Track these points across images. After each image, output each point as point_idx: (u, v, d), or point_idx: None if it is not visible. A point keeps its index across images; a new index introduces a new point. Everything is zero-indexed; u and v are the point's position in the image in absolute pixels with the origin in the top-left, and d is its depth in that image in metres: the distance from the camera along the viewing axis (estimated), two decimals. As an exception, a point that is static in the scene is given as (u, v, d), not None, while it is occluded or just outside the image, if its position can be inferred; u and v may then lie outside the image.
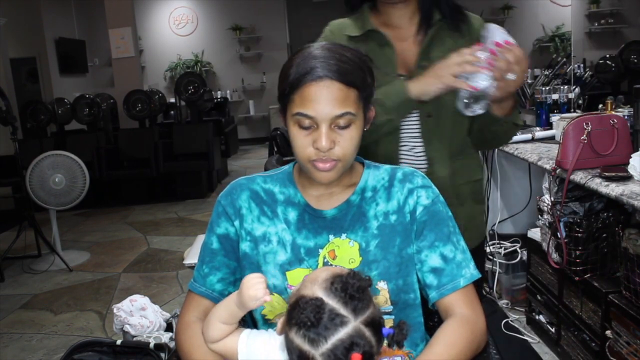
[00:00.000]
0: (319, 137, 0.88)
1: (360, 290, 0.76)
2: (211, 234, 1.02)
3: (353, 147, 0.92)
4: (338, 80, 0.87)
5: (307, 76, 0.87)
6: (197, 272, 1.03)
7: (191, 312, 1.00)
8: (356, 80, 0.89)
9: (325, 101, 0.87)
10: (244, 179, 1.05)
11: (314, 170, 0.92)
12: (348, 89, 0.88)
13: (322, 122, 0.88)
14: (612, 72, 3.17)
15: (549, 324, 2.20)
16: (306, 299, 0.75)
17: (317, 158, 0.90)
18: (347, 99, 0.88)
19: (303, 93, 0.87)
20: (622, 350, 1.64)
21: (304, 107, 0.88)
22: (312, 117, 0.87)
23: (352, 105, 0.88)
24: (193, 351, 0.93)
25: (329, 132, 0.88)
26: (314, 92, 0.87)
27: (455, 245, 0.97)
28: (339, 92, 0.87)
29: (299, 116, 0.88)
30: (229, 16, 9.55)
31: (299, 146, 0.91)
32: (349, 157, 0.92)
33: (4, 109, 3.93)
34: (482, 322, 0.94)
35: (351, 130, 0.90)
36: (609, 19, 3.96)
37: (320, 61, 0.87)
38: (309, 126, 0.89)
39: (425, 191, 0.99)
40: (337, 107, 0.87)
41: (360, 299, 0.75)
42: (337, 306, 0.74)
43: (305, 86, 0.87)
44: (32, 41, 7.64)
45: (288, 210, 1.00)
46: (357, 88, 0.89)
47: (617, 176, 1.59)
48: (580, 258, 1.84)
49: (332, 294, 0.75)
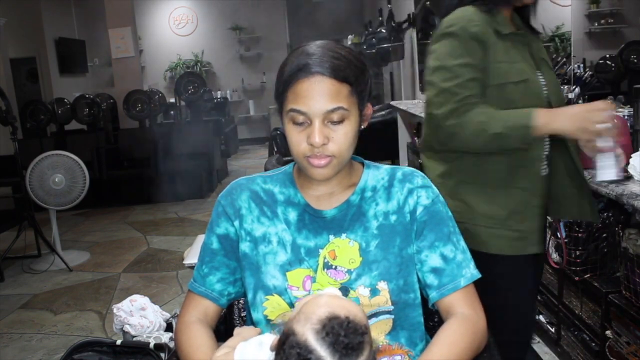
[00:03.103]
0: (312, 132, 0.89)
1: (350, 347, 0.71)
2: (211, 234, 1.02)
3: (348, 143, 0.92)
4: (330, 76, 0.88)
5: (299, 73, 0.89)
6: (197, 272, 1.03)
7: (191, 312, 1.00)
8: (348, 76, 0.90)
9: (317, 96, 0.88)
10: (243, 179, 1.05)
11: (309, 167, 0.92)
12: (340, 84, 0.89)
13: (315, 117, 0.89)
14: (612, 72, 3.17)
15: (549, 324, 2.20)
16: (294, 342, 0.72)
17: (311, 154, 0.91)
18: (339, 94, 0.89)
19: (296, 89, 0.89)
20: (622, 350, 1.64)
21: (297, 103, 0.89)
22: (305, 112, 0.89)
23: (344, 100, 0.89)
24: (192, 351, 0.93)
25: (322, 128, 0.89)
26: (306, 88, 0.88)
27: (455, 245, 0.98)
28: (330, 87, 0.88)
29: (292, 112, 0.90)
30: (229, 16, 9.55)
31: (294, 143, 0.92)
32: (344, 153, 0.92)
33: (4, 109, 3.93)
34: (482, 321, 0.94)
35: (345, 126, 0.91)
36: (609, 19, 3.95)
37: (313, 58, 0.89)
38: (302, 122, 0.90)
39: (425, 191, 0.99)
40: (329, 102, 0.88)
41: (349, 355, 0.71)
42: (325, 355, 0.71)
43: (298, 82, 0.89)
44: (32, 41, 7.64)
45: (288, 210, 1.00)
46: (350, 84, 0.90)
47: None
48: (580, 258, 1.84)
49: (322, 341, 0.71)
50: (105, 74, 8.87)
